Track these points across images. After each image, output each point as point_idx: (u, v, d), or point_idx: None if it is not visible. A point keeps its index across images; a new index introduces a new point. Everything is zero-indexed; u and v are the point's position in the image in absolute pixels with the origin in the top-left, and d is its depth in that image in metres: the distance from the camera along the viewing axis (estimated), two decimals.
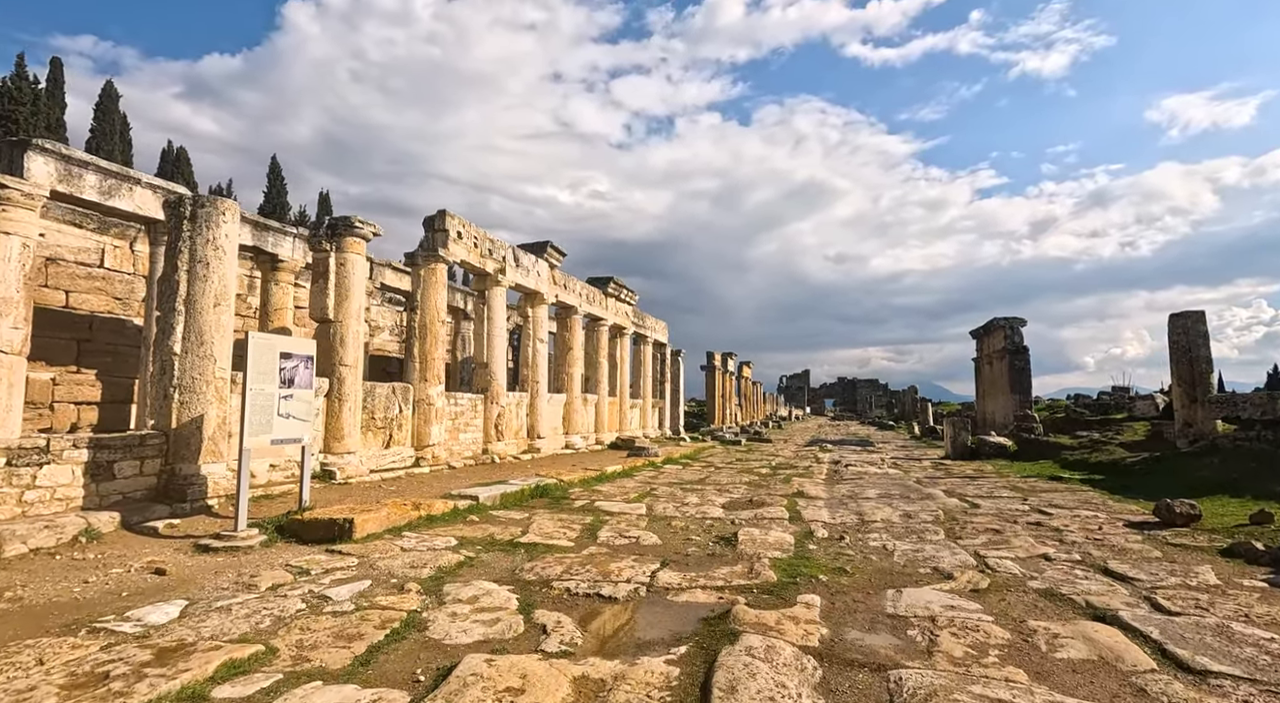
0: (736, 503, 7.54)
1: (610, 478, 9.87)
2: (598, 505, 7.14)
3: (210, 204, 5.92)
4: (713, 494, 8.28)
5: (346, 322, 7.74)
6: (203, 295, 5.82)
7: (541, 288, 13.16)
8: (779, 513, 6.76)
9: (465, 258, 10.41)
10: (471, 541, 5.21)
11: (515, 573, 4.26)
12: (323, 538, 4.95)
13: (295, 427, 5.48)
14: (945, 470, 11.58)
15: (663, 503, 7.44)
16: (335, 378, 7.62)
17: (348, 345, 7.70)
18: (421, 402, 9.32)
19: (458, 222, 10.19)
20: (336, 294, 7.72)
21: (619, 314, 18.18)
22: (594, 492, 8.30)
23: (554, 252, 13.68)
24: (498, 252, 11.49)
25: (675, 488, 8.94)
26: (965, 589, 3.97)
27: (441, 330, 9.70)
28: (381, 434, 8.59)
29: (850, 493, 8.46)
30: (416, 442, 9.26)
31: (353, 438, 7.69)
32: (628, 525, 6.05)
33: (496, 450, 11.12)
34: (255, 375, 5.08)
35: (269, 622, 3.16)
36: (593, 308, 16.23)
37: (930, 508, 7.07)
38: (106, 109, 35.93)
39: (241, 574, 4.04)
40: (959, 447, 13.61)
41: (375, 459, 8.39)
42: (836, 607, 3.65)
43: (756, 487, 9.21)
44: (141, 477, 5.43)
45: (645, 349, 21.12)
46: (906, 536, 5.62)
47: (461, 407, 10.52)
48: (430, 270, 9.62)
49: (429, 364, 9.44)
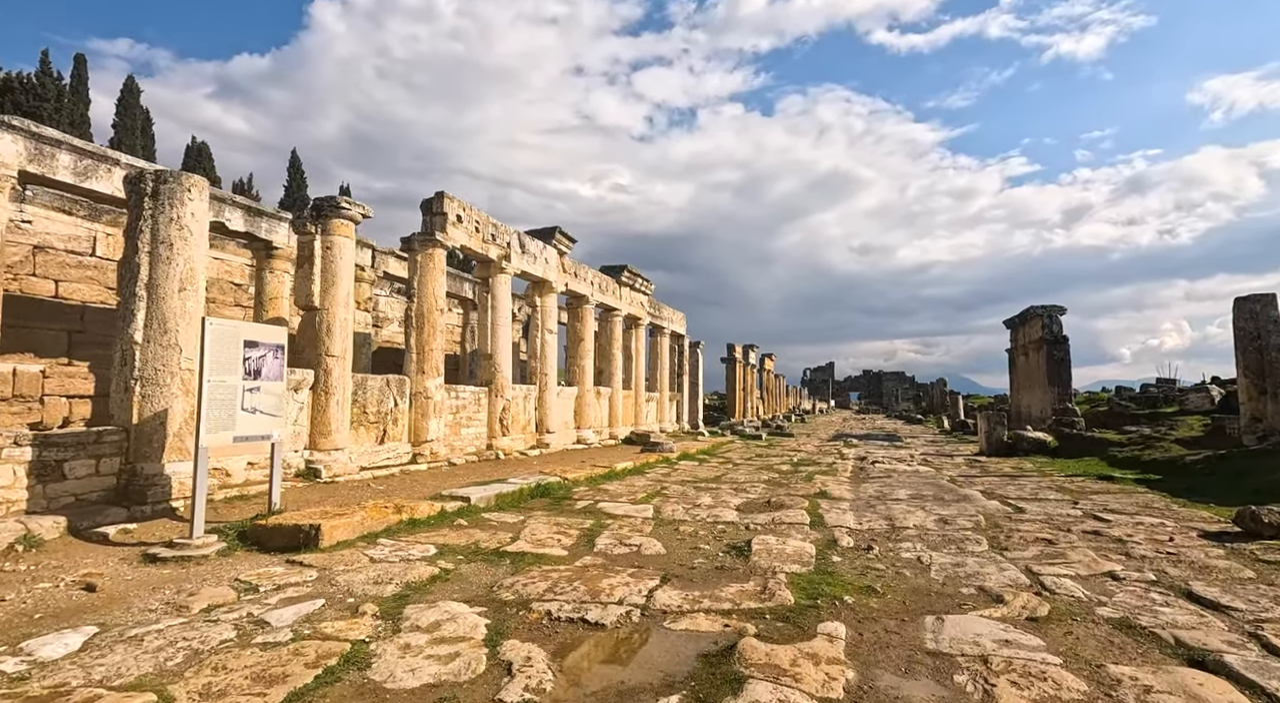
0: (753, 505, 6.96)
1: (619, 476, 9.35)
2: (601, 507, 6.61)
3: (174, 179, 5.48)
4: (728, 494, 7.70)
5: (333, 309, 7.29)
6: (166, 279, 5.38)
7: (550, 276, 12.64)
8: (799, 517, 6.16)
9: (466, 243, 9.92)
10: (453, 549, 4.71)
11: (492, 590, 3.75)
12: (286, 546, 4.49)
13: (263, 422, 5.02)
14: (981, 468, 10.83)
15: (672, 504, 6.88)
16: (321, 370, 7.18)
17: (334, 335, 7.26)
18: (419, 395, 8.87)
19: (457, 204, 9.69)
20: (322, 280, 7.27)
21: (634, 304, 17.62)
22: (600, 491, 7.78)
23: (563, 238, 13.15)
24: (502, 237, 10.99)
25: (688, 487, 8.38)
26: (1020, 617, 3.35)
27: (442, 320, 9.23)
28: (375, 429, 8.15)
29: (878, 494, 7.81)
30: (414, 437, 8.82)
31: (340, 434, 7.25)
32: (630, 531, 5.51)
33: (502, 446, 10.66)
34: (214, 366, 4.62)
35: (182, 657, 2.67)
36: (606, 297, 15.69)
37: (969, 512, 6.40)
38: (128, 104, 36.24)
39: (180, 591, 3.58)
40: (994, 442, 12.83)
41: (368, 456, 7.96)
42: (865, 639, 3.06)
43: (776, 486, 8.61)
44: (97, 477, 5.02)
45: (662, 340, 20.54)
46: (944, 545, 4.99)
47: (464, 400, 10.07)
48: (427, 256, 9.15)
49: (426, 355, 8.99)
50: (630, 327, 18.21)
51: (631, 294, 17.52)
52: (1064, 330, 18.06)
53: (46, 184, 7.35)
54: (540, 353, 12.58)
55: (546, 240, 12.70)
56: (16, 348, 9.44)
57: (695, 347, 24.84)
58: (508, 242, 11.16)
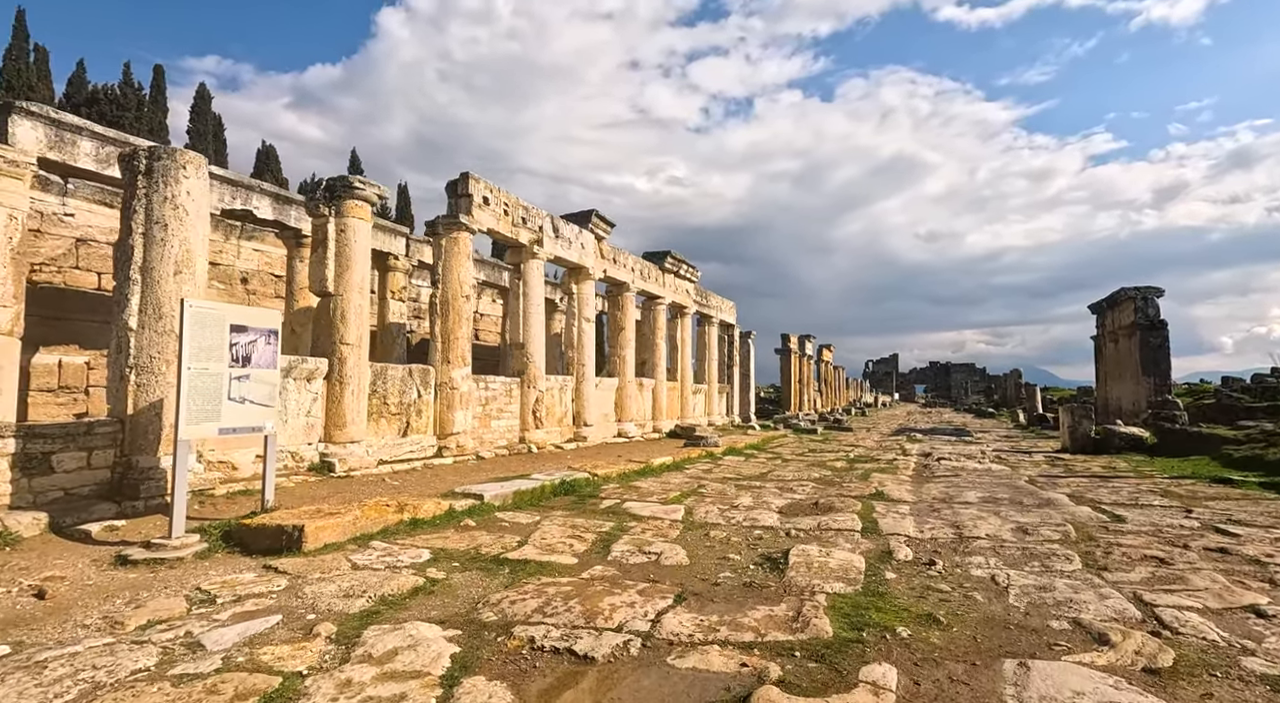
0: (798, 507, 6.26)
1: (655, 472, 8.78)
2: (627, 507, 6.06)
3: (168, 156, 5.22)
4: (771, 494, 7.01)
5: (348, 295, 6.99)
6: (161, 262, 5.13)
7: (586, 262, 12.15)
8: (849, 522, 5.43)
9: (493, 226, 9.52)
10: (450, 554, 4.25)
11: (476, 608, 3.24)
12: (269, 548, 4.13)
13: (253, 413, 4.69)
14: (1065, 467, 9.70)
15: (707, 505, 6.26)
16: (335, 358, 6.90)
17: (349, 322, 6.96)
18: (444, 385, 8.54)
19: (483, 185, 9.30)
20: (336, 264, 6.98)
21: (678, 292, 16.97)
22: (630, 489, 7.23)
23: (600, 222, 12.63)
24: (533, 220, 10.55)
25: (728, 485, 7.73)
26: (1134, 667, 2.59)
27: (467, 307, 8.87)
28: (397, 421, 7.86)
29: (944, 495, 6.95)
30: (439, 430, 8.50)
31: (356, 425, 6.96)
32: (654, 536, 4.93)
33: (535, 440, 10.26)
34: (195, 351, 4.30)
35: (75, 693, 2.27)
36: (648, 285, 15.10)
37: (1054, 520, 5.51)
38: (201, 111, 38.15)
39: (131, 602, 3.23)
40: (1079, 438, 11.56)
41: (389, 449, 7.67)
42: (923, 692, 2.39)
43: (827, 484, 7.85)
44: (89, 470, 4.82)
45: (710, 330, 19.81)
46: (1025, 562, 4.19)
47: (494, 391, 9.71)
48: (452, 240, 8.79)
49: (452, 343, 8.64)
50: (675, 315, 17.58)
51: (676, 281, 16.87)
52: (1160, 314, 16.30)
53: (68, 171, 7.34)
54: (577, 342, 12.13)
55: (582, 225, 12.21)
56: (61, 340, 9.67)
57: (746, 336, 23.97)
58: (539, 225, 10.72)
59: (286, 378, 6.41)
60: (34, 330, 9.12)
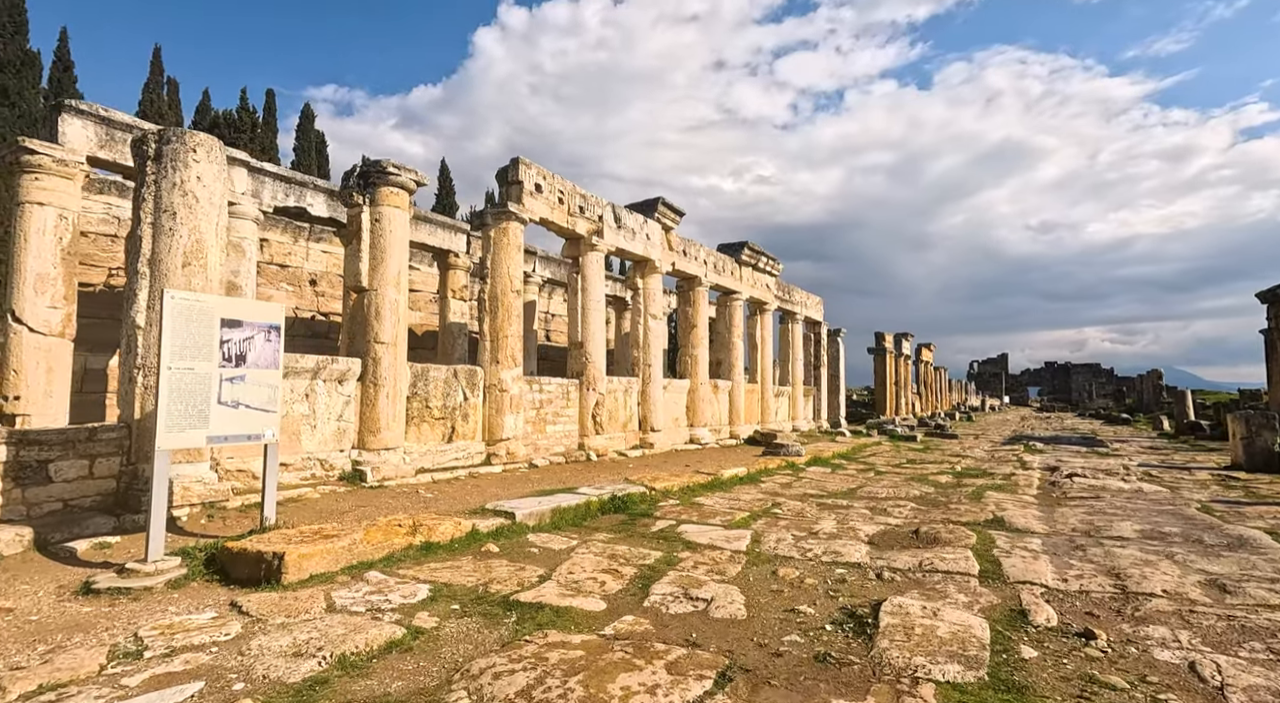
0: (893, 536, 5.15)
1: (725, 485, 7.83)
2: (681, 532, 5.18)
3: (177, 138, 4.87)
4: (860, 518, 5.91)
5: (383, 290, 6.54)
6: (169, 253, 4.79)
7: (652, 254, 11.35)
8: (962, 561, 4.30)
9: (547, 215, 8.89)
10: (453, 592, 3.55)
11: (448, 684, 2.49)
12: (247, 578, 3.58)
13: (249, 419, 4.20)
14: (1244, 489, 7.88)
15: (779, 531, 5.28)
16: (370, 358, 6.45)
17: (384, 319, 6.50)
18: (492, 388, 7.99)
19: (535, 171, 8.69)
20: (370, 257, 6.54)
21: (757, 286, 15.85)
22: (692, 507, 6.34)
23: (667, 210, 11.79)
24: (592, 209, 9.87)
25: (809, 504, 6.68)
26: None
27: (517, 302, 8.28)
28: (440, 426, 7.36)
29: (1086, 526, 5.59)
30: (487, 435, 7.95)
31: (392, 431, 6.48)
32: (707, 572, 4.04)
33: (595, 447, 9.56)
34: (177, 349, 3.84)
35: None
36: (722, 279, 14.11)
37: (1262, 572, 4.11)
38: (305, 129, 40.93)
39: (49, 652, 2.71)
40: (1258, 452, 9.51)
41: (431, 456, 7.17)
42: None
43: (929, 506, 6.63)
44: (91, 479, 4.51)
45: (794, 328, 18.51)
46: (1237, 640, 2.96)
47: (549, 394, 9.09)
48: (501, 231, 8.23)
49: (501, 342, 8.07)
50: (754, 312, 16.46)
51: (754, 275, 15.76)
52: None
53: (119, 170, 7.34)
54: (643, 341, 11.34)
55: (648, 214, 11.41)
56: None
57: (834, 334, 22.39)
58: (599, 215, 10.02)
59: (315, 380, 6.00)
60: (110, 333, 9.39)
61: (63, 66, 23.98)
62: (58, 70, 23.76)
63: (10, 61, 20.11)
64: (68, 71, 23.90)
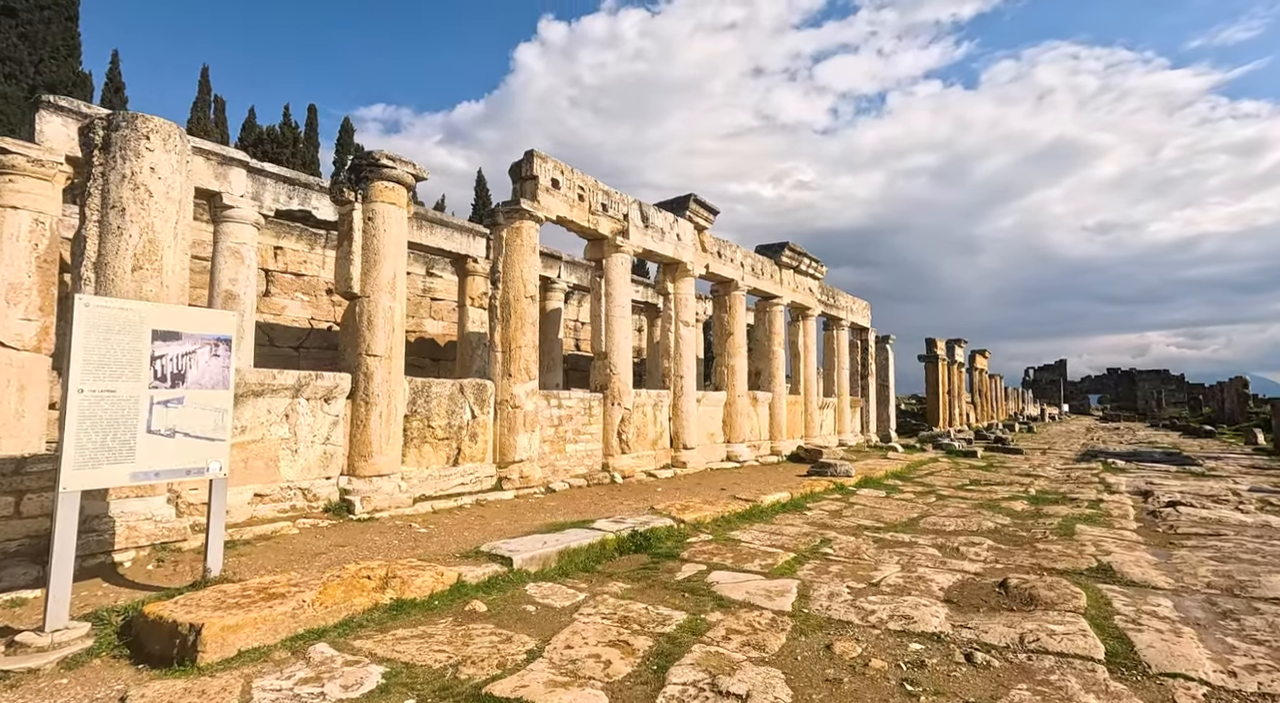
0: (975, 590, 4.19)
1: (765, 514, 6.92)
2: (712, 582, 4.33)
3: (128, 124, 4.30)
4: (929, 561, 4.95)
5: (376, 296, 5.88)
6: (116, 256, 4.20)
7: (683, 256, 10.53)
8: (1077, 638, 3.32)
9: (565, 214, 8.17)
10: (414, 677, 2.78)
11: None
12: (160, 655, 2.88)
13: (191, 450, 3.53)
14: None
15: (832, 580, 4.38)
16: (361, 373, 5.79)
17: (376, 328, 5.84)
18: (504, 404, 7.27)
19: (552, 165, 7.99)
20: (363, 259, 5.90)
21: (799, 290, 14.86)
22: (726, 543, 5.47)
23: (700, 209, 10.97)
24: (616, 207, 9.11)
25: (864, 539, 5.74)
26: None
27: (532, 309, 7.56)
28: (444, 448, 6.66)
29: (1224, 578, 4.51)
30: (498, 456, 7.23)
31: (386, 455, 5.80)
32: (742, 646, 3.18)
33: (620, 467, 8.75)
34: (92, 367, 3.20)
35: None
36: (761, 282, 13.19)
37: None
38: (344, 143, 41.84)
39: None
40: None
41: (434, 482, 6.48)
42: None
43: (1011, 543, 5.62)
44: (19, 519, 3.91)
45: (839, 334, 17.41)
46: None
47: (568, 409, 8.33)
48: (514, 231, 7.54)
49: (513, 354, 7.36)
50: (796, 318, 15.47)
51: (795, 278, 14.78)
52: None
53: None
54: (674, 350, 10.52)
55: (678, 212, 10.61)
56: None
57: (883, 342, 21.15)
58: (624, 213, 9.26)
59: (297, 398, 5.36)
60: None
61: (114, 88, 24.68)
62: (109, 92, 24.45)
63: (62, 83, 20.67)
64: (119, 92, 24.58)
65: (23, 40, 20.23)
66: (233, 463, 4.87)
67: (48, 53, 20.65)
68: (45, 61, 20.42)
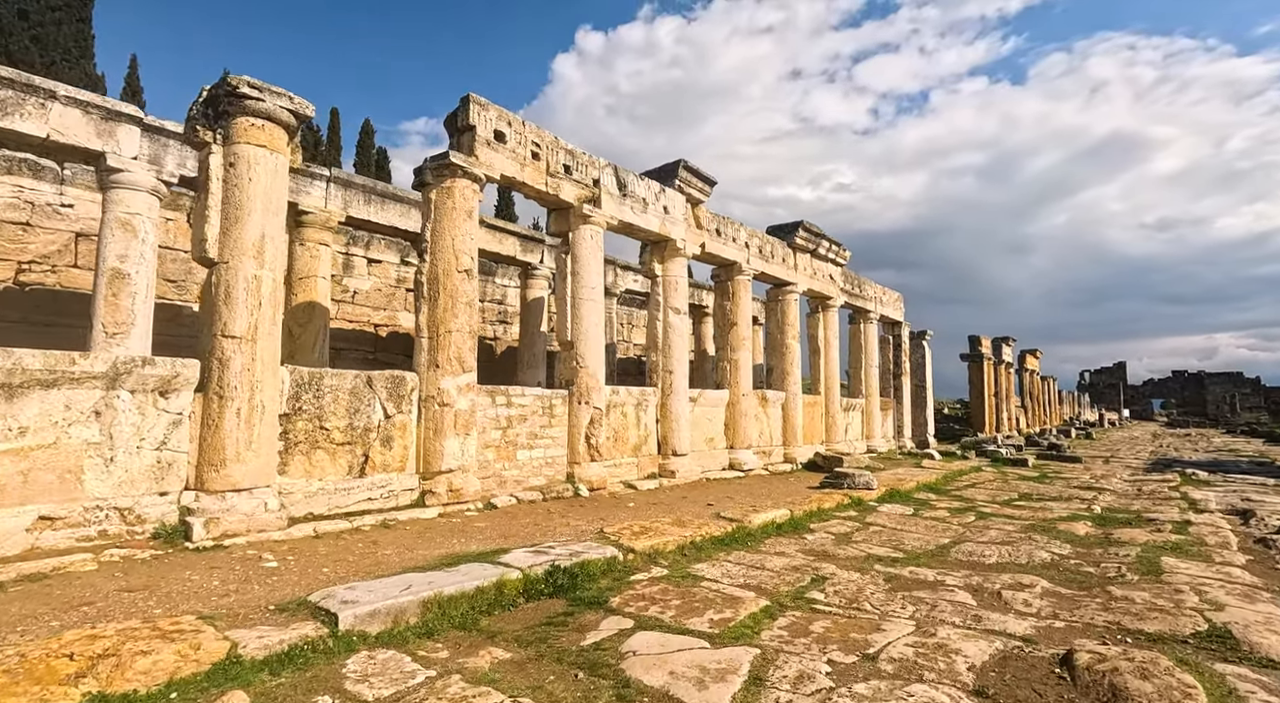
0: (1021, 669, 2.79)
1: (750, 539, 5.56)
2: (629, 651, 3.01)
3: None
4: (956, 616, 3.54)
5: (236, 262, 4.72)
6: None
7: (671, 231, 9.21)
8: None
9: (514, 174, 6.94)
10: None
11: None
12: None
13: None
14: None
15: (806, 653, 3.02)
16: (214, 359, 4.62)
17: (236, 302, 4.67)
18: (430, 400, 6.05)
19: (495, 113, 6.77)
20: (222, 216, 4.74)
21: (817, 277, 13.38)
22: (682, 583, 4.15)
23: (692, 177, 9.63)
24: (583, 170, 7.85)
25: (872, 578, 4.34)
26: None
27: (467, 287, 6.34)
28: (345, 455, 5.46)
29: None
30: (423, 465, 6.01)
31: (246, 464, 4.61)
32: None
33: (589, 477, 7.46)
34: None
35: None
36: (771, 267, 11.78)
37: None
38: (365, 146, 41.84)
39: None
40: None
41: (328, 497, 5.28)
42: None
43: (1075, 586, 4.16)
44: None
45: (865, 328, 15.84)
46: None
47: (521, 409, 7.07)
48: (444, 192, 6.34)
49: (441, 341, 6.15)
50: (815, 309, 13.99)
51: (813, 263, 13.31)
52: None
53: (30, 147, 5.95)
54: (662, 342, 9.19)
55: (665, 181, 9.30)
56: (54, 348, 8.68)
57: (919, 337, 19.45)
58: (594, 178, 7.99)
59: (113, 390, 4.22)
60: (19, 338, 8.15)
61: (131, 92, 24.60)
62: (127, 95, 24.34)
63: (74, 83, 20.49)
64: (136, 96, 24.47)
65: (34, 43, 20.08)
66: (4, 475, 3.73)
67: (59, 55, 20.48)
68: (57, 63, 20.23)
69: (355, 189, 8.83)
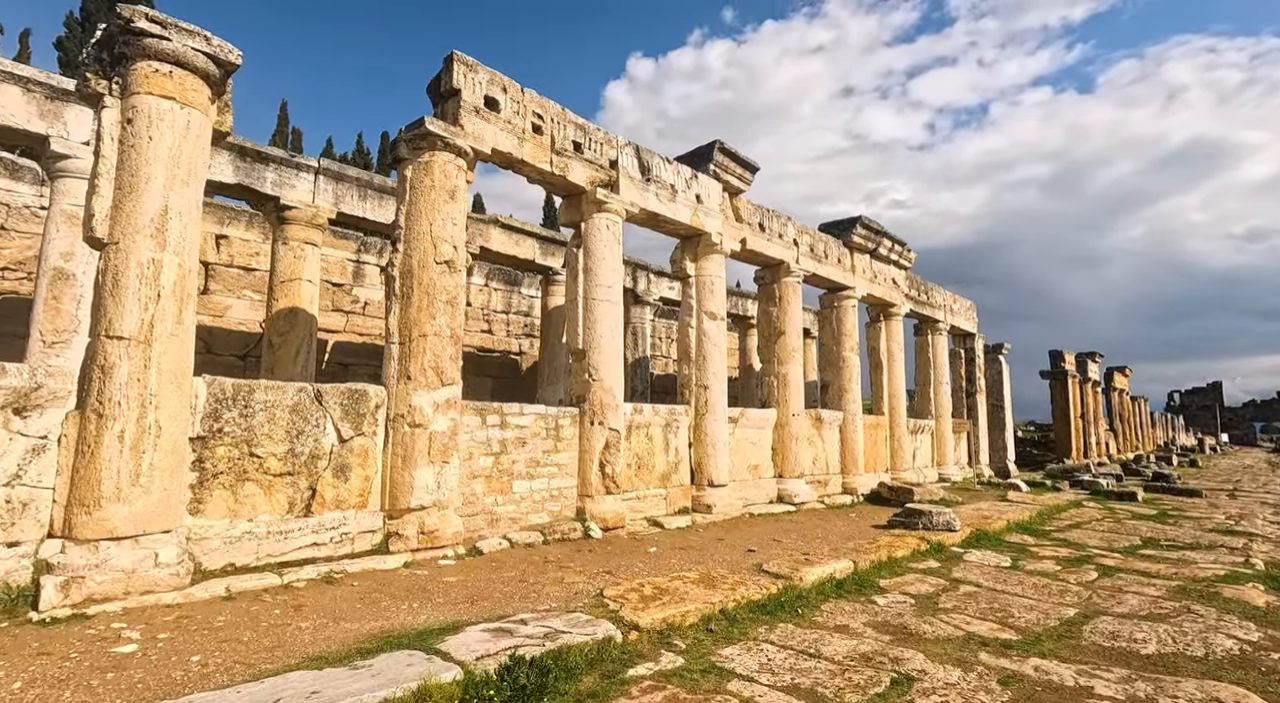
0: None
1: (804, 603, 4.21)
2: None
3: None
4: None
5: (129, 243, 3.74)
6: None
7: (706, 224, 7.99)
8: None
9: (510, 149, 5.87)
10: None
11: None
12: None
13: None
14: None
15: None
16: (95, 366, 3.63)
17: (125, 293, 3.68)
18: (399, 420, 4.96)
19: (486, 77, 5.73)
20: (116, 184, 3.79)
21: (878, 281, 11.90)
22: (701, 680, 2.86)
23: (729, 162, 8.41)
24: (598, 149, 6.74)
25: (981, 681, 2.96)
26: None
27: (447, 281, 5.26)
28: (285, 488, 4.39)
29: None
30: (389, 501, 4.90)
31: (133, 503, 3.57)
32: None
33: (602, 513, 6.22)
34: None
35: None
36: (824, 268, 10.40)
37: None
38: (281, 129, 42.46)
39: None
40: None
41: (260, 542, 4.21)
42: None
43: None
44: None
45: (935, 340, 14.18)
46: None
47: (519, 431, 5.91)
48: (422, 168, 5.30)
49: (415, 347, 5.06)
50: (876, 318, 12.47)
51: (873, 266, 11.84)
52: None
53: None
54: (695, 351, 7.93)
55: (698, 166, 8.11)
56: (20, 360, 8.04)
57: (995, 351, 17.56)
58: (612, 159, 6.87)
59: None
60: None
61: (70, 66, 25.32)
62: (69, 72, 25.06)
63: None
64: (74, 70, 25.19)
65: None
66: None
67: None
68: None
69: (348, 182, 7.95)
